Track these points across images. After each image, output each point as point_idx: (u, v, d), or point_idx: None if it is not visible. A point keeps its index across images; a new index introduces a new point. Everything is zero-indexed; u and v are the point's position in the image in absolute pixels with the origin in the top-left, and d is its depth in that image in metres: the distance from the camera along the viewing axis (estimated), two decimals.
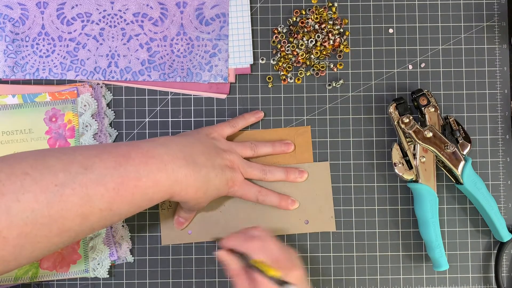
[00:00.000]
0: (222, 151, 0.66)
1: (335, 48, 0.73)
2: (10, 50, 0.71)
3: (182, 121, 0.73)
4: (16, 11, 0.71)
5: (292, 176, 0.71)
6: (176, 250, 0.72)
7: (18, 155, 0.53)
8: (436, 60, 0.73)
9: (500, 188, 0.72)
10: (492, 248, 0.72)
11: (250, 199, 0.69)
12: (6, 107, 0.70)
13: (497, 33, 0.73)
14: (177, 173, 0.58)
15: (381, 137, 0.73)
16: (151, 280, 0.72)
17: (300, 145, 0.72)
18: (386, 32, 0.73)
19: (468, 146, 0.69)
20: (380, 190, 0.72)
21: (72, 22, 0.72)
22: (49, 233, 0.51)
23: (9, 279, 0.69)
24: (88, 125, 0.70)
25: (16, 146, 0.70)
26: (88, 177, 0.53)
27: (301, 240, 0.72)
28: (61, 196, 0.51)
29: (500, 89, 0.73)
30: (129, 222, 0.72)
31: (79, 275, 0.70)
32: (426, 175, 0.68)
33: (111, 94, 0.73)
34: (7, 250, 0.49)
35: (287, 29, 0.73)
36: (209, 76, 0.72)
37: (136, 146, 0.58)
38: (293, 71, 0.73)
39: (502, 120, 0.73)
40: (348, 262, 0.72)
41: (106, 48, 0.72)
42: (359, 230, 0.72)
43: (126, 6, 0.72)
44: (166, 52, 0.72)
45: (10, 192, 0.49)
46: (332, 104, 0.73)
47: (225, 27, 0.72)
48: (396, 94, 0.73)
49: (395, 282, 0.72)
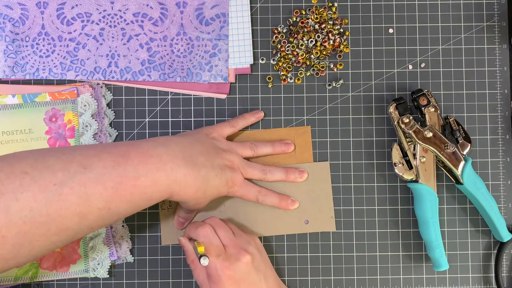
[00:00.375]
0: (222, 151, 0.66)
1: (335, 48, 0.73)
2: (10, 50, 0.71)
3: (182, 121, 0.73)
4: (16, 11, 0.71)
5: (292, 176, 0.71)
6: (176, 250, 0.72)
7: (18, 155, 0.53)
8: (436, 60, 0.73)
9: (500, 188, 0.72)
10: (492, 248, 0.72)
11: (250, 199, 0.69)
12: (6, 107, 0.70)
13: (497, 33, 0.73)
14: (176, 173, 0.58)
15: (381, 137, 0.73)
16: (151, 280, 0.72)
17: (300, 145, 0.72)
18: (386, 32, 0.73)
19: (468, 146, 0.69)
20: (380, 190, 0.72)
21: (72, 22, 0.72)
22: (48, 231, 0.51)
23: (9, 279, 0.69)
24: (88, 125, 0.70)
25: (16, 146, 0.70)
26: (87, 176, 0.53)
27: (301, 240, 0.72)
28: (60, 195, 0.51)
29: (500, 89, 0.73)
30: (129, 222, 0.72)
31: (79, 275, 0.70)
32: (426, 175, 0.68)
33: (111, 94, 0.73)
34: (6, 248, 0.49)
35: (287, 29, 0.73)
36: (209, 76, 0.72)
37: (135, 145, 0.58)
38: (293, 71, 0.73)
39: (502, 120, 0.73)
40: (348, 262, 0.72)
41: (106, 48, 0.72)
42: (359, 230, 0.72)
43: (126, 6, 0.72)
44: (166, 52, 0.72)
45: (9, 191, 0.49)
46: (332, 104, 0.73)
47: (225, 27, 0.72)
48: (396, 94, 0.73)
49: (395, 282, 0.72)
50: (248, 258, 0.62)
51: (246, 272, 0.62)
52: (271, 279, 0.65)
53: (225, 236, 0.64)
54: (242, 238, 0.65)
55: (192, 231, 0.65)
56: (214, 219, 0.66)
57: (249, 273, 0.62)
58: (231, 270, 0.61)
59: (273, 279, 0.66)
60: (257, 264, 0.63)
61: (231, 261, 0.62)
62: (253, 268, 0.63)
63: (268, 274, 0.65)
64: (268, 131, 0.73)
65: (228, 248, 0.63)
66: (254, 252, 0.64)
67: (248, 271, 0.62)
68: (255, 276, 0.63)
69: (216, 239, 0.63)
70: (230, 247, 0.63)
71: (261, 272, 0.64)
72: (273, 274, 0.67)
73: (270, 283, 0.65)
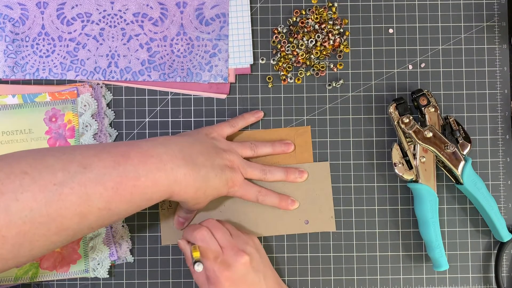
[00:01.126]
0: (222, 151, 0.66)
1: (335, 48, 0.73)
2: (10, 50, 0.71)
3: (182, 121, 0.73)
4: (16, 11, 0.71)
5: (292, 176, 0.71)
6: (176, 250, 0.72)
7: (18, 154, 0.53)
8: (436, 60, 0.73)
9: (500, 188, 0.72)
10: (492, 248, 0.72)
11: (250, 199, 0.69)
12: (6, 107, 0.70)
13: (497, 33, 0.73)
14: (176, 173, 0.58)
15: (381, 137, 0.73)
16: (151, 280, 0.72)
17: (300, 145, 0.72)
18: (386, 32, 0.73)
19: (468, 146, 0.69)
20: (380, 190, 0.72)
21: (72, 22, 0.72)
22: (48, 231, 0.51)
23: (9, 279, 0.69)
24: (88, 125, 0.70)
25: (16, 146, 0.70)
26: (87, 176, 0.53)
27: (301, 240, 0.72)
28: (60, 195, 0.51)
29: (500, 89, 0.73)
30: (129, 222, 0.72)
31: (79, 275, 0.70)
32: (426, 175, 0.68)
33: (111, 94, 0.73)
34: (6, 248, 0.49)
35: (287, 29, 0.73)
36: (209, 76, 0.72)
37: (135, 145, 0.58)
38: (293, 71, 0.73)
39: (502, 120, 0.73)
40: (348, 262, 0.72)
41: (106, 48, 0.72)
42: (359, 230, 0.72)
43: (126, 6, 0.72)
44: (166, 52, 0.72)
45: (9, 191, 0.49)
46: (332, 104, 0.73)
47: (225, 27, 0.72)
48: (396, 94, 0.73)
49: (395, 282, 0.72)
50: (246, 259, 0.62)
51: (245, 273, 0.62)
52: (271, 279, 0.65)
53: (222, 237, 0.64)
54: (240, 238, 0.65)
55: (189, 235, 0.65)
56: (211, 221, 0.66)
57: (247, 274, 0.62)
58: (229, 272, 0.61)
59: (273, 279, 0.66)
60: (255, 265, 0.63)
61: (229, 263, 0.62)
62: (251, 269, 0.62)
63: (268, 274, 0.65)
64: (268, 131, 0.73)
65: (225, 250, 0.63)
66: (252, 252, 0.64)
67: (247, 272, 0.62)
68: (254, 276, 0.63)
69: (213, 241, 0.63)
70: (227, 248, 0.63)
71: (260, 272, 0.64)
72: (273, 274, 0.66)
73: (270, 283, 0.65)
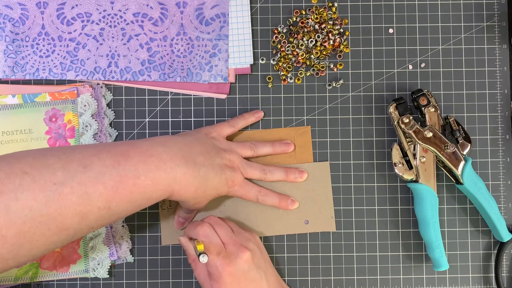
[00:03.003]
0: (221, 150, 0.66)
1: (335, 48, 0.73)
2: (10, 50, 0.71)
3: (182, 121, 0.73)
4: (16, 11, 0.71)
5: (292, 176, 0.71)
6: (176, 250, 0.72)
7: (18, 154, 0.53)
8: (436, 60, 0.73)
9: (500, 188, 0.72)
10: (492, 248, 0.72)
11: (250, 199, 0.69)
12: (6, 107, 0.70)
13: (497, 33, 0.73)
14: (176, 172, 0.58)
15: (381, 137, 0.73)
16: (151, 280, 0.72)
17: (300, 145, 0.72)
18: (386, 32, 0.73)
19: (468, 146, 0.69)
20: (380, 190, 0.72)
21: (72, 22, 0.72)
22: (48, 231, 0.51)
23: (9, 279, 0.69)
24: (88, 125, 0.70)
25: (16, 146, 0.70)
26: (86, 175, 0.53)
27: (301, 240, 0.72)
28: (60, 195, 0.51)
29: (500, 89, 0.73)
30: (129, 222, 0.72)
31: (79, 275, 0.70)
32: (426, 175, 0.68)
33: (111, 94, 0.73)
34: (6, 248, 0.49)
35: (287, 29, 0.73)
36: (209, 76, 0.72)
37: (135, 145, 0.58)
38: (293, 71, 0.73)
39: (502, 120, 0.73)
40: (348, 262, 0.72)
41: (106, 48, 0.72)
42: (359, 230, 0.72)
43: (126, 6, 0.72)
44: (166, 52, 0.72)
45: (9, 190, 0.49)
46: (332, 104, 0.73)
47: (225, 27, 0.72)
48: (396, 94, 0.73)
49: (395, 282, 0.72)
50: (248, 255, 0.62)
51: (247, 269, 0.62)
52: (272, 276, 0.65)
53: (225, 234, 0.64)
54: (242, 235, 0.66)
55: (191, 231, 0.65)
56: (213, 217, 0.66)
57: (249, 270, 0.62)
58: (232, 267, 0.61)
59: (274, 276, 0.66)
60: (257, 261, 0.64)
61: (231, 259, 0.62)
62: (253, 265, 0.63)
63: (269, 272, 0.65)
64: (268, 131, 0.73)
65: (228, 246, 0.63)
66: (254, 249, 0.64)
67: (249, 268, 0.62)
68: (256, 272, 0.63)
69: (215, 237, 0.63)
70: (229, 244, 0.63)
71: (262, 269, 0.64)
72: (273, 272, 0.67)
73: (271, 280, 0.65)
